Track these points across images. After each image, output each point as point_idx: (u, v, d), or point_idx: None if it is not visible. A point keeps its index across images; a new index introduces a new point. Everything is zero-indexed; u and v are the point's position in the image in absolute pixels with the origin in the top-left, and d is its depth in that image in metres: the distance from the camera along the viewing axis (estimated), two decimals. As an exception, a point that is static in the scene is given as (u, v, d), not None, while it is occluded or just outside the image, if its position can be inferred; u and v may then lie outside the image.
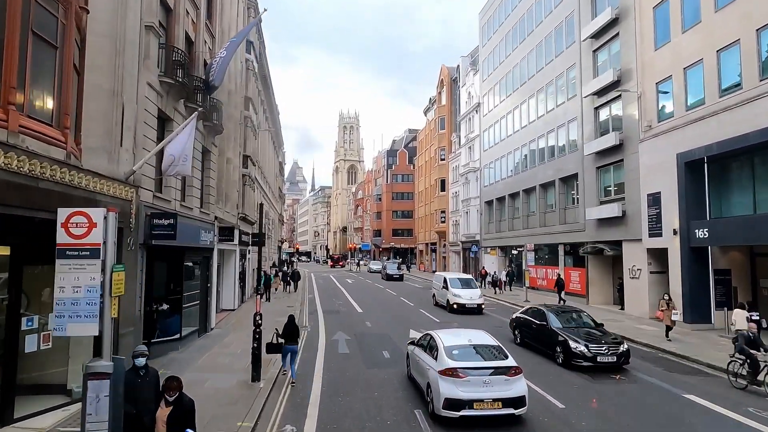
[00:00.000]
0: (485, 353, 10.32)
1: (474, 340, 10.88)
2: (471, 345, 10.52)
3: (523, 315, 17.54)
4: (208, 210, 18.07)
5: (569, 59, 30.67)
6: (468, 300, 24.63)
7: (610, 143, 25.16)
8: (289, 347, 12.45)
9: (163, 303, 14.78)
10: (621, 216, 24.60)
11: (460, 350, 10.17)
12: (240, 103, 25.18)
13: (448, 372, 9.46)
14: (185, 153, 11.16)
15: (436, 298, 27.65)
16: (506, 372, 9.54)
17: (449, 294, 25.28)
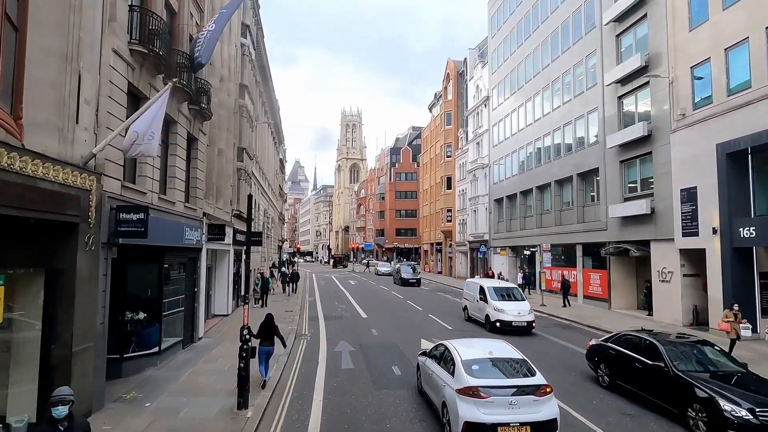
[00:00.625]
0: (509, 369, 9.04)
1: (495, 352, 9.51)
2: (493, 358, 9.22)
3: (613, 345, 12.16)
4: (195, 205, 16.08)
5: (589, 46, 28.59)
6: (515, 316, 19.17)
7: (637, 134, 23.09)
8: (265, 348, 11.81)
9: (139, 311, 12.79)
10: (649, 213, 22.54)
11: (480, 365, 8.92)
12: (234, 91, 23.19)
13: (468, 391, 8.27)
14: (152, 130, 9.17)
15: (470, 311, 22.41)
16: (535, 391, 8.33)
17: (489, 308, 19.97)
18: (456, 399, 8.37)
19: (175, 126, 14.04)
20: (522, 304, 20.02)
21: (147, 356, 12.81)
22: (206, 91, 16.01)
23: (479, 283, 21.98)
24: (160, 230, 12.42)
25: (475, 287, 22.20)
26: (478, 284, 22.07)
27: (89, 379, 9.30)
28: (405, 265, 46.19)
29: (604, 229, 26.49)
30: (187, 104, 14.82)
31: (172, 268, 14.44)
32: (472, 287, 22.80)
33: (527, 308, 19.68)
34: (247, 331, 10.10)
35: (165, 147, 13.85)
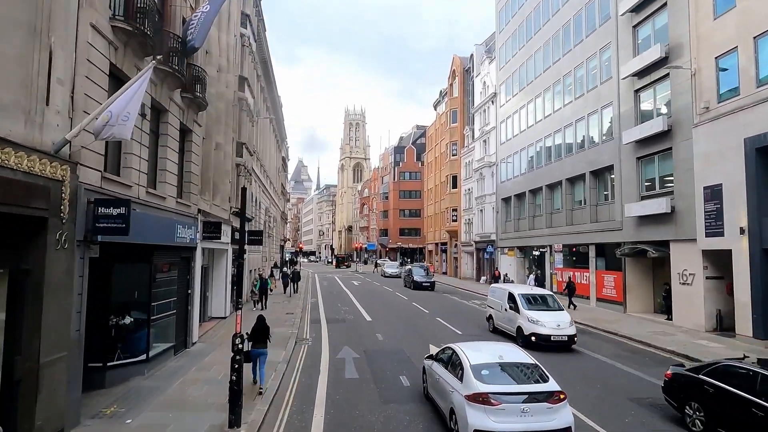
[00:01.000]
0: (520, 374, 8.65)
1: (506, 356, 9.07)
2: (503, 363, 8.79)
3: (710, 380, 9.08)
4: (189, 201, 15.04)
5: (603, 38, 27.44)
6: (554, 329, 16.17)
7: (656, 129, 21.93)
8: (257, 351, 11.29)
9: (126, 315, 11.76)
10: (669, 212, 21.38)
11: (490, 370, 8.51)
12: (233, 83, 22.15)
13: (478, 398, 7.85)
14: (127, 111, 8.10)
15: (495, 322, 19.29)
16: (548, 398, 7.92)
17: (521, 319, 16.98)
18: (465, 406, 7.94)
19: (166, 115, 13.00)
20: (560, 314, 17.03)
21: (134, 364, 11.77)
22: (201, 79, 14.97)
23: (507, 290, 18.88)
24: (148, 227, 11.40)
25: (502, 294, 19.06)
26: (506, 290, 18.89)
27: (61, 394, 8.26)
28: (417, 267, 41.88)
29: (619, 228, 25.34)
30: (179, 92, 13.78)
31: (163, 268, 13.40)
32: (498, 294, 19.57)
33: (567, 319, 16.75)
34: (240, 340, 9.04)
35: (155, 137, 12.82)
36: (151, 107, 12.06)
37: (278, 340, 16.85)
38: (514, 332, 17.47)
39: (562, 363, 14.26)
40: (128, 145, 10.79)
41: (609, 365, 14.46)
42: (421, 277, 38.47)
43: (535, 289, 19.91)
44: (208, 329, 18.51)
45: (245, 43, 25.13)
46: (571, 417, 8.04)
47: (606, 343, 17.81)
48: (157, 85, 12.08)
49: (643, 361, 15.00)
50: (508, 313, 18.17)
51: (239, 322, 9.18)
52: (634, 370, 13.73)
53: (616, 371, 13.75)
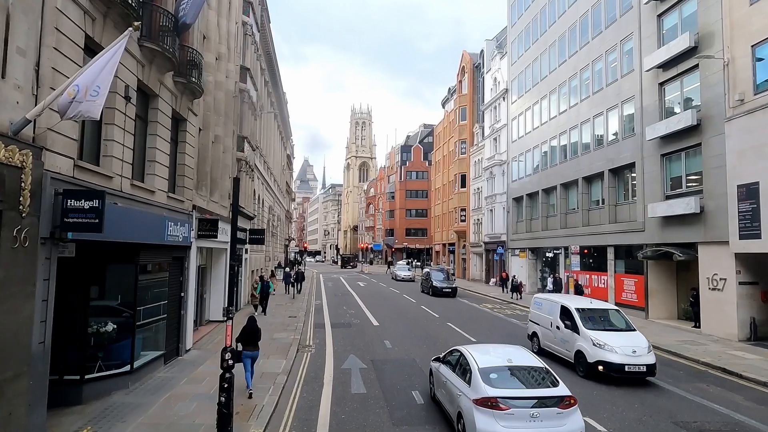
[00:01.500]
0: (530, 378, 8.40)
1: (515, 360, 8.86)
2: (512, 366, 8.59)
3: None
4: (183, 196, 13.83)
5: (624, 29, 26.03)
6: (629, 356, 12.28)
7: (684, 124, 20.52)
8: (249, 353, 10.91)
9: (108, 321, 10.55)
10: (698, 213, 19.97)
11: (498, 374, 8.32)
12: (234, 73, 20.96)
13: (487, 402, 7.64)
14: (97, 85, 6.90)
15: (542, 341, 15.52)
16: (558, 403, 7.71)
17: (582, 341, 13.18)
18: (473, 410, 7.74)
19: (155, 100, 11.80)
20: (634, 336, 13.19)
21: (116, 377, 10.56)
22: (197, 63, 13.75)
23: (559, 302, 15.02)
24: (132, 224, 10.20)
25: (551, 307, 15.30)
26: (557, 303, 15.08)
27: (20, 416, 7.06)
28: (435, 270, 37.05)
29: (641, 230, 23.94)
30: (171, 76, 12.57)
31: (152, 269, 12.21)
32: (546, 307, 15.75)
33: (644, 343, 12.81)
34: (230, 355, 7.79)
35: (143, 124, 11.62)
36: (138, 90, 10.85)
37: (279, 347, 15.68)
38: (570, 356, 13.77)
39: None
40: (109, 131, 9.58)
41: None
42: (441, 281, 34.07)
43: (595, 302, 15.51)
44: (204, 334, 17.32)
45: (248, 32, 23.94)
46: (582, 423, 7.82)
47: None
48: (144, 66, 10.87)
49: (677, 375, 13.63)
50: (561, 333, 14.42)
51: (230, 334, 7.94)
52: (669, 386, 12.36)
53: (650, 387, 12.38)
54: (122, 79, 9.79)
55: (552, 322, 15.06)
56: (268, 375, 12.36)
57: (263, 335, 17.44)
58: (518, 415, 7.50)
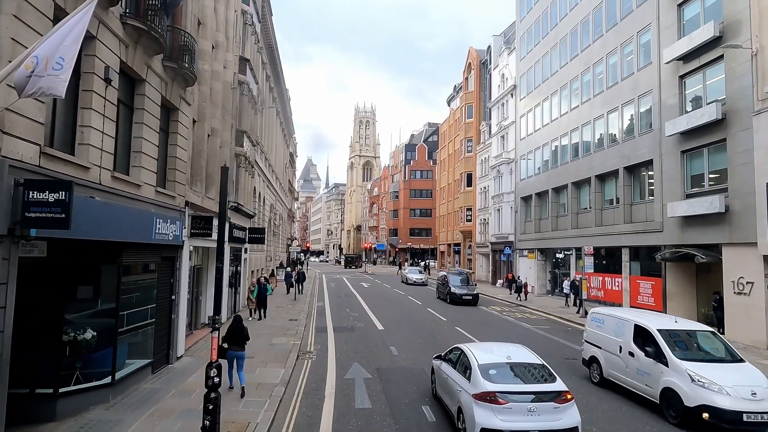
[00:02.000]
0: (528, 374, 8.62)
1: (514, 357, 9.05)
2: (510, 363, 8.78)
3: None
4: (174, 191, 12.82)
5: (641, 20, 24.91)
6: (747, 399, 9.03)
7: (708, 118, 19.38)
8: (234, 353, 10.69)
9: (86, 328, 9.54)
10: (723, 212, 18.83)
11: (497, 370, 8.52)
12: (233, 63, 19.95)
13: (486, 397, 7.89)
14: (60, 56, 5.88)
15: (606, 369, 12.20)
16: (555, 398, 7.92)
17: (674, 376, 9.88)
18: (472, 404, 7.97)
19: (142, 85, 10.78)
20: (746, 370, 9.91)
21: (95, 390, 9.55)
22: (190, 49, 12.73)
23: (632, 320, 11.59)
24: (113, 220, 9.21)
25: (620, 327, 11.95)
26: (628, 322, 11.68)
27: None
28: (453, 274, 32.43)
29: (659, 230, 22.80)
30: (161, 60, 11.55)
31: (137, 270, 11.20)
32: (611, 325, 12.33)
33: (763, 380, 9.54)
34: (216, 372, 6.76)
35: (128, 112, 10.61)
36: (121, 73, 9.83)
37: (278, 353, 14.66)
38: (652, 394, 10.42)
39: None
40: (86, 116, 8.57)
41: None
42: (460, 287, 29.43)
43: (681, 321, 11.87)
44: (199, 338, 16.30)
45: (247, 21, 22.92)
46: (578, 417, 7.98)
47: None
48: (128, 46, 9.85)
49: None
50: (636, 362, 11.03)
51: (215, 347, 6.91)
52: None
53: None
54: (101, 59, 8.78)
55: (621, 345, 11.66)
56: (264, 386, 11.33)
57: (261, 340, 16.56)
58: (516, 409, 7.67)
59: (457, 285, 29.60)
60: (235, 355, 10.72)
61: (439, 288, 32.00)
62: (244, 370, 11.00)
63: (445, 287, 30.39)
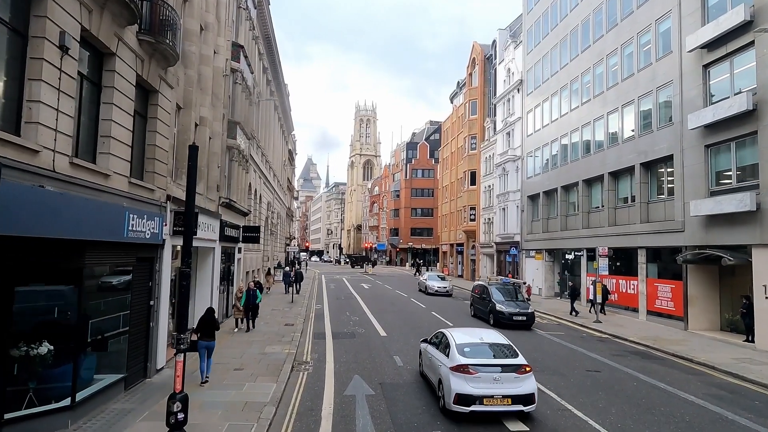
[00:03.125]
0: (496, 351, 10.40)
1: (486, 338, 11.01)
2: (483, 343, 10.67)
3: None
4: (153, 184, 11.40)
5: (661, 6, 23.48)
6: None
7: (737, 110, 17.97)
8: (205, 343, 11.37)
9: (43, 341, 8.12)
10: (753, 210, 17.41)
11: (471, 348, 10.30)
12: (225, 49, 18.54)
13: (459, 368, 9.64)
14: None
15: None
16: (516, 369, 9.68)
17: None
18: (450, 375, 9.70)
19: (111, 60, 9.35)
20: None
21: (51, 414, 8.13)
22: (172, 23, 11.30)
23: None
24: (72, 215, 7.81)
25: None
26: None
27: None
28: (497, 286, 24.15)
29: (680, 230, 21.38)
30: (135, 33, 10.12)
31: (106, 272, 9.79)
32: None
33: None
34: (180, 407, 5.35)
35: (95, 90, 9.18)
36: (84, 42, 8.43)
37: (270, 364, 13.26)
38: None
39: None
40: (35, 90, 7.15)
41: (726, 419, 10.44)
42: (509, 303, 21.91)
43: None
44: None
45: (241, 4, 21.49)
46: (535, 386, 9.71)
47: (688, 377, 13.87)
48: (92, 11, 8.42)
49: (755, 407, 11.12)
50: None
51: (180, 374, 5.48)
52: (761, 426, 9.82)
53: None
54: (54, 21, 7.36)
55: None
56: (252, 405, 9.92)
57: (253, 348, 15.18)
58: (484, 378, 9.49)
59: (503, 300, 22.14)
60: (207, 345, 11.34)
61: (476, 302, 24.47)
62: None
63: (485, 302, 22.90)
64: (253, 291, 18.28)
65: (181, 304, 6.58)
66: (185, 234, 7.12)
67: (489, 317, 21.96)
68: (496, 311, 21.56)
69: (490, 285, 24.45)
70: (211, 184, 17.10)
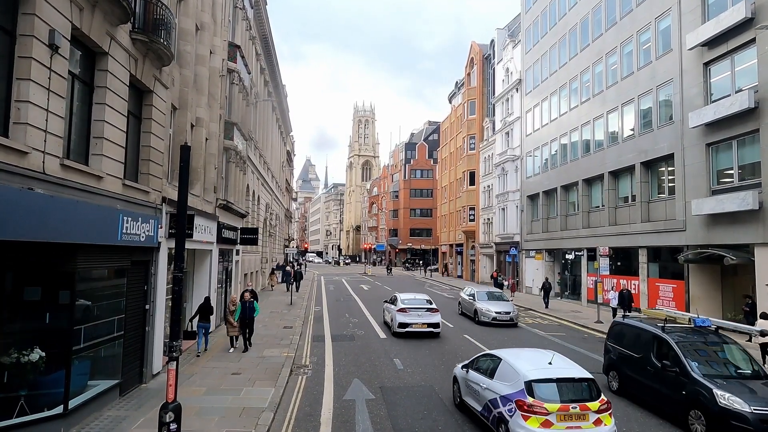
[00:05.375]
0: (422, 302, 19.09)
1: (417, 297, 19.70)
2: (415, 298, 19.44)
3: None
4: (148, 186, 11.20)
5: (660, 4, 23.34)
6: None
7: (739, 108, 17.82)
8: (203, 325, 14.66)
9: (34, 347, 7.93)
10: (756, 209, 17.26)
11: (408, 301, 19.16)
12: (222, 49, 18.34)
13: (401, 309, 18.55)
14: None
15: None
16: (430, 309, 18.69)
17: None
18: (396, 314, 18.53)
19: (104, 59, 9.15)
20: None
21: (42, 422, 7.92)
22: (166, 22, 11.11)
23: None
24: (63, 218, 7.60)
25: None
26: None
27: None
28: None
29: (681, 229, 21.23)
30: (128, 32, 9.92)
31: (99, 276, 9.60)
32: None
33: None
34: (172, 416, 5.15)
35: (87, 90, 8.99)
36: (75, 41, 8.23)
37: (269, 368, 13.07)
38: None
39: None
40: (24, 89, 6.95)
41: None
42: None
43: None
44: (182, 350, 14.66)
45: (238, 4, 21.30)
46: (440, 318, 18.96)
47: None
48: (83, 9, 8.23)
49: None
50: None
51: (173, 383, 5.29)
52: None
53: None
54: (43, 19, 7.17)
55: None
56: (250, 411, 9.72)
57: (252, 352, 15.05)
58: (412, 314, 18.34)
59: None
60: (204, 327, 14.69)
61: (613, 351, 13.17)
62: None
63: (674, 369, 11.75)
64: (249, 303, 15.66)
65: (174, 310, 6.37)
66: (178, 238, 6.92)
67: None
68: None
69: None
70: (207, 185, 16.90)
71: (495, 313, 21.38)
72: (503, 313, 21.48)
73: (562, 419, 7.35)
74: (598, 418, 7.51)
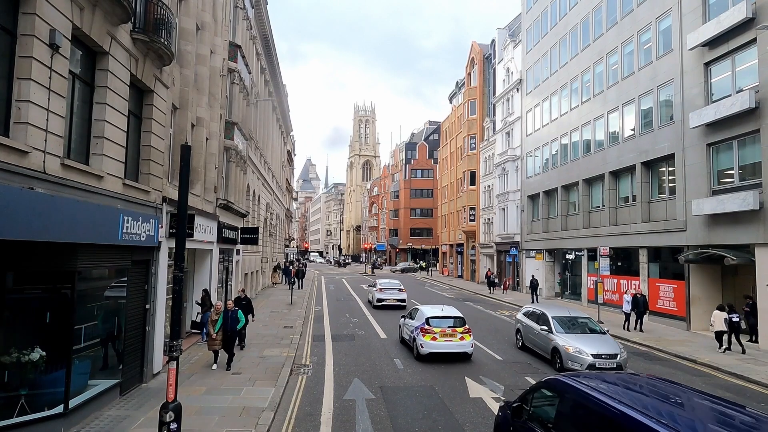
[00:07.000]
0: (395, 285, 27.33)
1: (392, 282, 28.02)
2: (389, 282, 27.91)
3: None
4: (149, 186, 11.22)
5: (661, 4, 23.32)
6: None
7: (740, 108, 17.80)
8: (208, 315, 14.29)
9: (34, 347, 7.94)
10: (756, 209, 17.25)
11: (385, 283, 27.43)
12: (222, 49, 18.35)
13: (379, 289, 26.72)
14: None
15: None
16: (399, 289, 26.97)
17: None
18: (375, 292, 26.85)
19: (104, 59, 9.16)
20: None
21: (43, 422, 7.93)
22: (167, 22, 11.12)
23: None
24: (64, 217, 7.61)
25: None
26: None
27: None
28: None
29: (682, 229, 21.21)
30: (128, 31, 9.93)
31: (100, 275, 9.61)
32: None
33: None
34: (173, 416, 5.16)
35: (87, 90, 8.99)
36: (76, 41, 8.24)
37: (269, 368, 13.07)
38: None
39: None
40: (24, 89, 6.96)
41: None
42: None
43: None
44: (183, 349, 14.67)
45: (238, 4, 21.30)
46: (406, 295, 27.56)
47: (692, 378, 13.69)
48: (83, 9, 8.23)
49: (761, 410, 10.93)
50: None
51: (173, 382, 5.31)
52: None
53: None
54: (44, 19, 7.17)
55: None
56: (250, 411, 9.73)
57: (252, 351, 15.07)
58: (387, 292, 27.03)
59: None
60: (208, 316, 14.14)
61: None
62: None
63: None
64: (233, 312, 13.20)
65: (174, 310, 6.38)
66: (178, 237, 6.92)
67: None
68: None
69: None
70: (208, 185, 16.91)
71: (593, 357, 13.06)
72: (605, 357, 13.14)
73: (442, 336, 14.23)
74: (461, 336, 14.34)
